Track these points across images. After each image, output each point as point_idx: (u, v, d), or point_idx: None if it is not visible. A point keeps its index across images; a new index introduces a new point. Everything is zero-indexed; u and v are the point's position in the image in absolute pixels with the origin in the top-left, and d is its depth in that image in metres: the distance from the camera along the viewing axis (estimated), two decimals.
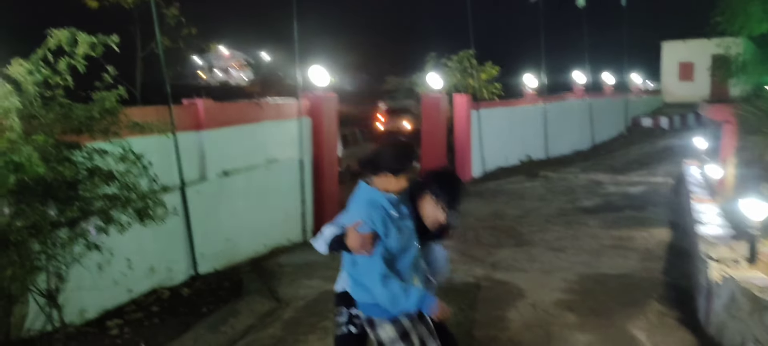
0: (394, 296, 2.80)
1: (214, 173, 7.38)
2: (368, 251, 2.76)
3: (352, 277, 2.95)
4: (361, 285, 2.89)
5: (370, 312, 2.93)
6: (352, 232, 2.78)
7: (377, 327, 2.90)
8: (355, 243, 2.76)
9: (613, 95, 24.78)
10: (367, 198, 2.86)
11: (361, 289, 2.90)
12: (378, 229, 2.78)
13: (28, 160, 3.68)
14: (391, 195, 2.86)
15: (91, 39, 4.19)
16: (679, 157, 16.14)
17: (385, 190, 2.86)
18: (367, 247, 2.75)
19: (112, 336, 4.82)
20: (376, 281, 2.79)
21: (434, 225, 3.01)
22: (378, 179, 2.88)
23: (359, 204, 2.88)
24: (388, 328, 2.87)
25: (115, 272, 5.38)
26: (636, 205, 11.13)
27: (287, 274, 6.96)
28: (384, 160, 2.87)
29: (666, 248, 7.71)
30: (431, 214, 2.97)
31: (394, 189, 2.86)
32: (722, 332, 4.44)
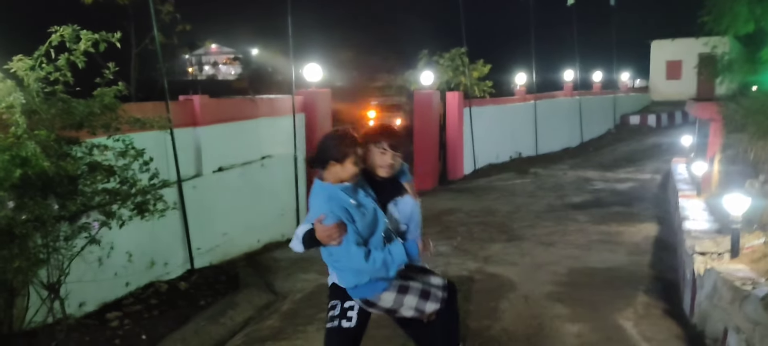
0: (383, 263, 2.88)
1: (209, 168, 7.47)
2: (338, 240, 2.84)
3: (335, 267, 3.03)
4: (346, 271, 2.95)
5: (362, 294, 2.99)
6: (318, 226, 2.86)
7: (377, 302, 2.99)
8: (323, 235, 2.83)
9: (602, 93, 25.03)
10: (323, 194, 2.93)
11: (347, 274, 2.96)
12: (342, 218, 2.86)
13: (34, 155, 3.76)
14: (345, 184, 2.94)
15: (94, 36, 4.26)
16: (666, 154, 16.41)
17: (338, 180, 2.94)
18: (335, 236, 2.83)
19: (113, 328, 4.91)
20: (359, 261, 2.86)
21: (388, 171, 3.08)
22: (327, 172, 2.95)
23: (318, 201, 2.96)
24: (386, 296, 2.96)
25: (114, 266, 5.46)
26: (624, 201, 11.32)
27: (283, 268, 7.06)
28: (326, 151, 2.94)
29: (653, 243, 7.88)
30: (379, 161, 3.06)
31: (345, 177, 2.93)
32: (705, 321, 4.60)
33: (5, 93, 3.95)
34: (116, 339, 4.68)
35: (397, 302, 2.99)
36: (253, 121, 8.48)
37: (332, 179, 2.95)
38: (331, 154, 2.92)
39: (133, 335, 4.80)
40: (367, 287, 2.95)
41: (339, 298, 3.10)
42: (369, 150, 3.06)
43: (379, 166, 3.07)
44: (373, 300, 2.99)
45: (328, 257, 3.02)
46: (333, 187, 2.94)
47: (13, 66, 4.30)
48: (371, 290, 2.96)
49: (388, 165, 3.08)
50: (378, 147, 3.06)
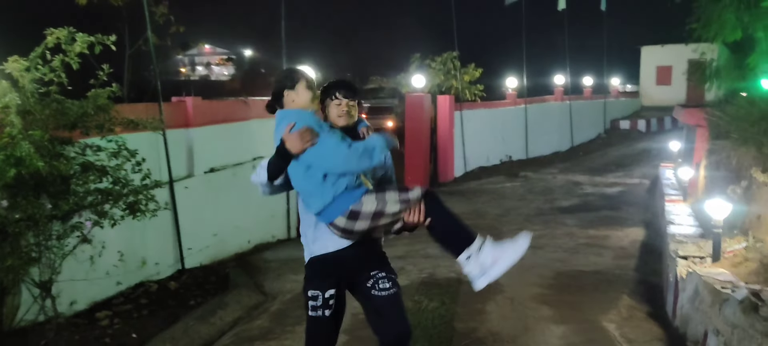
0: (365, 149, 2.74)
1: (201, 169, 7.53)
2: (312, 140, 2.69)
3: (309, 191, 2.78)
4: (322, 184, 2.73)
5: (343, 205, 2.73)
6: (288, 135, 2.70)
7: (360, 209, 2.73)
8: (295, 139, 2.68)
9: (592, 98, 25.23)
10: (288, 115, 2.81)
11: (325, 186, 2.73)
12: (313, 125, 2.73)
13: (28, 155, 3.81)
14: (309, 111, 2.83)
15: (89, 38, 4.32)
16: (655, 159, 16.57)
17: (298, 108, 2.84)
18: (308, 138, 2.68)
19: (103, 327, 4.95)
20: (343, 151, 2.70)
21: (345, 120, 2.95)
22: (284, 104, 2.84)
23: (283, 123, 2.79)
24: (367, 199, 2.74)
25: (106, 265, 5.50)
26: (612, 205, 11.45)
27: (273, 269, 7.12)
28: (277, 85, 2.86)
29: (639, 247, 8.00)
30: (335, 112, 2.92)
31: (301, 103, 2.83)
32: (687, 323, 4.70)
33: (0, 94, 3.99)
34: (106, 338, 4.73)
35: (379, 200, 2.74)
36: (245, 123, 8.53)
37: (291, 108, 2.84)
38: (283, 84, 2.83)
39: (123, 333, 4.85)
40: (347, 196, 2.73)
41: (319, 287, 2.93)
42: (325, 105, 2.96)
43: (337, 117, 2.92)
44: (356, 209, 2.73)
45: (301, 179, 2.78)
46: (297, 109, 2.82)
47: (8, 67, 4.35)
48: (350, 198, 2.73)
49: (344, 113, 2.93)
50: (333, 99, 2.94)
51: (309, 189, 2.79)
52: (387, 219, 2.79)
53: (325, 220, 2.80)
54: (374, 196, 2.76)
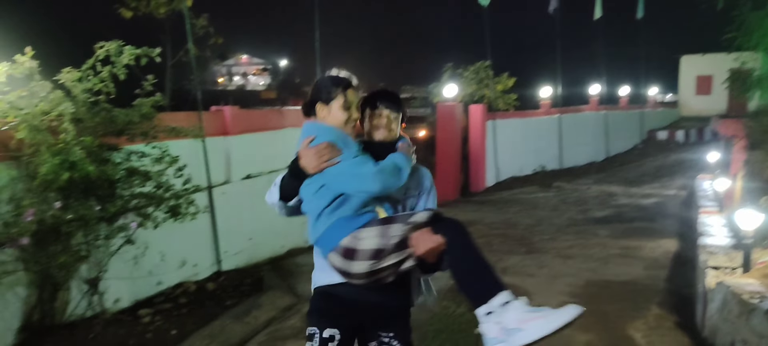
0: (394, 166, 2.45)
1: (238, 175, 7.79)
2: (332, 158, 2.37)
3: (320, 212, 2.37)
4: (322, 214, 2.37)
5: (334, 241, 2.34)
6: (305, 151, 2.39)
7: (358, 245, 2.31)
8: (312, 155, 2.36)
9: (629, 108, 24.92)
10: (309, 128, 2.50)
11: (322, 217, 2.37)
12: (336, 141, 2.40)
13: (81, 160, 4.09)
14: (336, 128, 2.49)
15: (136, 51, 4.59)
16: (692, 170, 16.29)
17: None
18: (327, 154, 2.36)
19: (145, 323, 5.20)
20: (369, 169, 2.38)
21: (384, 134, 2.63)
22: (316, 115, 2.53)
23: (303, 134, 2.50)
24: (367, 233, 2.32)
25: (148, 265, 5.77)
26: (647, 216, 11.34)
27: (305, 272, 7.30)
28: (314, 93, 2.53)
29: (672, 258, 7.94)
30: (374, 123, 2.62)
31: (335, 123, 2.48)
32: (715, 334, 4.71)
33: (56, 102, 4.28)
34: (148, 333, 4.97)
35: (382, 234, 2.29)
36: (280, 132, 8.78)
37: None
38: (318, 95, 2.51)
39: (164, 330, 5.08)
40: (341, 226, 2.33)
41: (317, 323, 2.55)
42: (364, 115, 2.64)
43: (374, 129, 2.62)
44: (350, 245, 2.30)
45: (310, 200, 2.43)
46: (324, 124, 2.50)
47: (62, 78, 4.66)
48: (344, 230, 2.32)
49: (383, 126, 2.61)
50: (374, 110, 2.63)
51: (311, 212, 2.43)
52: (393, 258, 2.30)
53: (322, 253, 2.42)
54: (378, 228, 2.31)
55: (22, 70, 4.22)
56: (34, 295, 4.60)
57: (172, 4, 8.53)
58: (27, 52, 4.36)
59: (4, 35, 5.55)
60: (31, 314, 4.62)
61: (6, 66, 4.20)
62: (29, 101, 4.23)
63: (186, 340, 4.88)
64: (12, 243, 4.02)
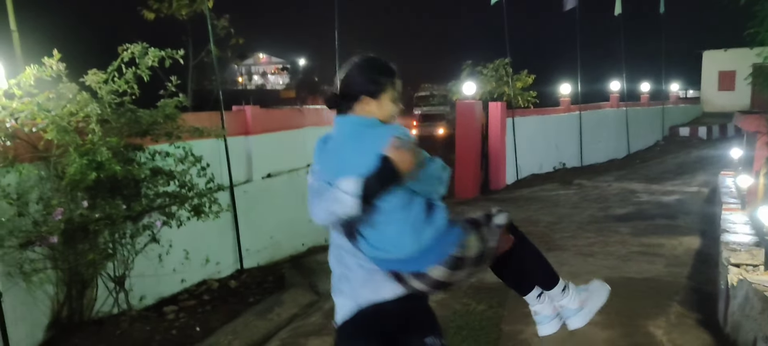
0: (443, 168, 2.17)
1: (259, 174, 7.89)
2: (422, 160, 2.07)
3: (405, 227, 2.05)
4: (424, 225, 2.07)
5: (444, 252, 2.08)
6: (397, 152, 1.99)
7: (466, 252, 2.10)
8: (410, 159, 2.00)
9: (650, 104, 24.66)
10: (370, 123, 2.12)
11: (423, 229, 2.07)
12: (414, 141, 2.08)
13: (108, 160, 4.19)
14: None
15: (160, 53, 4.68)
16: (715, 166, 16.09)
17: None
18: (420, 155, 2.06)
19: (170, 320, 5.31)
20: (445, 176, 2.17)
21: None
22: (355, 110, 2.15)
23: (362, 131, 2.10)
24: (472, 240, 2.12)
25: (172, 263, 5.89)
26: (668, 213, 11.23)
27: (325, 270, 7.30)
28: (355, 84, 2.14)
29: (694, 255, 7.88)
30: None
31: (383, 118, 2.16)
32: (737, 331, 4.68)
33: (83, 104, 4.39)
34: (173, 330, 5.08)
35: (481, 239, 2.13)
36: (300, 131, 8.87)
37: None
38: (364, 86, 2.12)
39: (189, 326, 5.19)
40: (449, 236, 2.09)
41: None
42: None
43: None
44: (461, 254, 2.08)
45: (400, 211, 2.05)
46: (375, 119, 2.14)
47: (87, 79, 4.77)
48: (452, 239, 2.09)
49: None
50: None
51: (404, 225, 2.05)
52: (485, 263, 2.19)
53: (414, 267, 2.08)
54: (475, 233, 2.13)
55: (50, 73, 4.33)
56: (63, 292, 4.73)
57: (193, 5, 8.66)
58: (54, 55, 4.47)
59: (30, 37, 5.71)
60: (60, 311, 4.74)
61: (34, 69, 4.31)
62: (57, 103, 4.34)
63: (210, 336, 4.98)
64: (43, 241, 4.14)
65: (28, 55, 5.29)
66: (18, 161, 4.21)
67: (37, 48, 4.93)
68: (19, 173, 4.05)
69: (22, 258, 4.22)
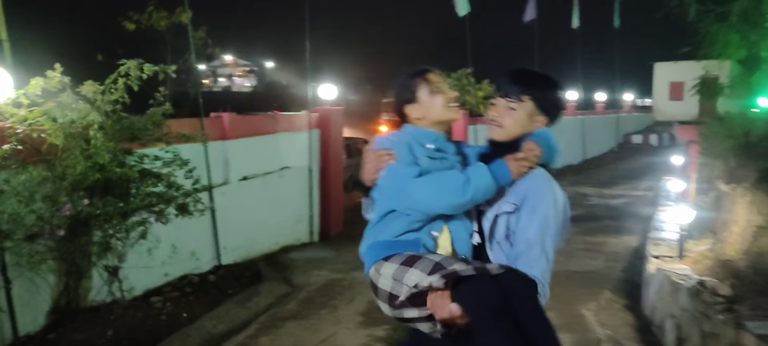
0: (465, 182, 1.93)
1: (235, 177, 8.45)
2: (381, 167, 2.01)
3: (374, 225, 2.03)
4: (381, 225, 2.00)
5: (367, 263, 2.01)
6: (366, 155, 2.08)
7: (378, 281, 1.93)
8: (366, 165, 2.05)
9: (605, 113, 25.88)
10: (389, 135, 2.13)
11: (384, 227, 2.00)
12: (400, 152, 2.01)
13: (108, 163, 4.75)
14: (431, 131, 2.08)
15: (155, 67, 5.24)
16: (662, 172, 17.17)
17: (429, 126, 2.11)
18: (377, 163, 2.02)
19: (158, 308, 5.86)
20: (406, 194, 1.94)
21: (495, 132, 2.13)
22: (411, 122, 2.12)
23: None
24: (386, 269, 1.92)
25: (158, 258, 6.41)
26: (614, 215, 12.17)
27: (298, 266, 8.00)
28: (396, 102, 2.15)
29: (631, 252, 8.75)
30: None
31: (434, 116, 2.08)
32: (654, 312, 5.49)
33: (84, 112, 4.93)
34: (162, 316, 5.64)
35: (397, 276, 1.85)
36: (273, 136, 9.45)
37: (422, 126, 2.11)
38: (403, 96, 2.12)
39: (176, 314, 5.75)
40: (385, 245, 1.96)
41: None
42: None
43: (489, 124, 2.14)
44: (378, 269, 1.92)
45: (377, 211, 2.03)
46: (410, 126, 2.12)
47: (84, 90, 5.30)
48: (383, 250, 1.95)
49: (493, 120, 2.12)
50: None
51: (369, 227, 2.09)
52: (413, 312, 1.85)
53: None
54: (394, 267, 1.88)
55: (54, 85, 4.86)
56: (62, 282, 5.25)
57: (172, 17, 9.16)
58: (57, 68, 4.99)
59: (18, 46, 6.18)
60: (59, 298, 5.26)
61: (40, 80, 4.83)
62: (61, 112, 4.87)
63: (196, 322, 5.55)
64: (51, 234, 4.66)
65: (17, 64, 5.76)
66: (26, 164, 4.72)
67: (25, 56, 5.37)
68: (30, 173, 4.57)
69: (29, 250, 4.73)
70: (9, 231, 4.54)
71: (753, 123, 6.66)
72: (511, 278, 1.81)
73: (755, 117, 7.33)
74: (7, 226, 4.47)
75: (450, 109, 2.10)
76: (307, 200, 10.17)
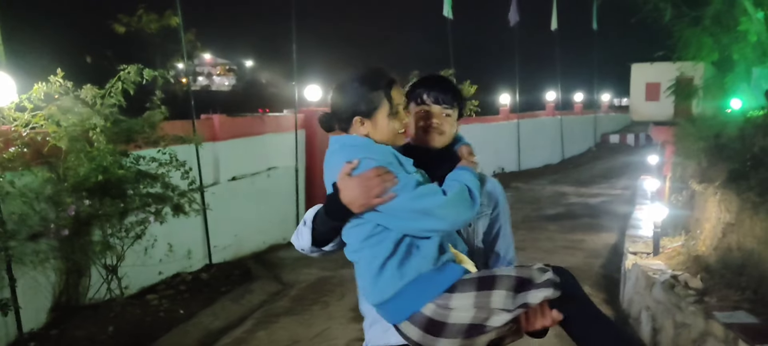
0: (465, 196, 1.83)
1: (225, 177, 8.62)
2: (386, 189, 1.73)
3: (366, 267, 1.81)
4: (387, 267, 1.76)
5: (413, 306, 1.74)
6: (345, 181, 1.77)
7: (448, 318, 1.73)
8: (358, 190, 1.73)
9: (583, 113, 26.41)
10: (346, 144, 1.88)
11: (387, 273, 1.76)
12: (388, 163, 1.79)
13: (111, 165, 4.91)
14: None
15: (154, 72, 5.41)
16: (639, 171, 17.66)
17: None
18: (378, 185, 1.73)
19: (154, 306, 6.03)
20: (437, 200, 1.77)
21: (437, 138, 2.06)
22: (352, 132, 1.90)
23: (337, 154, 1.87)
24: (459, 300, 1.73)
25: (153, 256, 6.57)
26: (593, 213, 12.54)
27: (287, 264, 8.20)
28: (348, 103, 1.87)
29: (609, 249, 9.09)
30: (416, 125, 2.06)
31: (383, 138, 1.89)
32: (631, 305, 5.79)
33: (86, 116, 5.09)
34: (160, 313, 5.81)
35: (480, 305, 1.71)
36: (261, 137, 9.64)
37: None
38: (355, 108, 1.87)
39: (173, 310, 5.92)
40: (424, 285, 1.74)
41: None
42: (408, 113, 2.01)
43: (423, 132, 2.05)
44: (439, 317, 1.72)
45: (358, 245, 1.83)
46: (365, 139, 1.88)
47: (83, 93, 5.45)
48: (428, 291, 1.74)
49: (432, 128, 2.04)
50: (417, 105, 2.05)
51: (364, 262, 1.83)
52: (492, 334, 1.74)
53: (389, 319, 1.83)
54: (474, 296, 1.72)
55: (57, 90, 5.01)
56: (62, 280, 5.40)
57: (161, 21, 9.30)
58: (58, 73, 5.14)
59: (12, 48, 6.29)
60: (60, 296, 5.41)
61: (43, 86, 4.98)
62: (63, 116, 5.02)
63: (193, 318, 5.73)
64: (55, 234, 4.82)
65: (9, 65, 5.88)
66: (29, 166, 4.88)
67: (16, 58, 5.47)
68: (35, 175, 4.72)
69: (33, 249, 4.88)
70: (13, 231, 4.69)
71: (724, 125, 7.01)
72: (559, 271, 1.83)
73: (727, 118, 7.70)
74: (12, 226, 4.62)
75: (399, 136, 1.93)
76: (294, 200, 10.37)
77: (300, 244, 2.02)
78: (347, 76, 1.91)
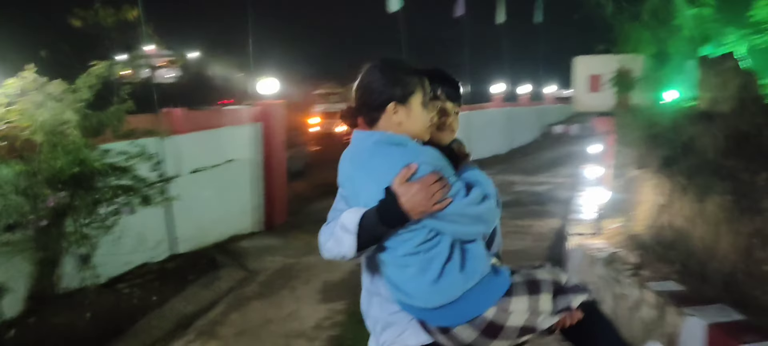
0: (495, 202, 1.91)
1: (187, 170, 8.76)
2: (444, 194, 1.72)
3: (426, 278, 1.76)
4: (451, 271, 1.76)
5: (475, 310, 1.78)
6: (404, 187, 1.70)
7: (507, 320, 1.79)
8: (421, 196, 1.69)
9: (529, 104, 27.34)
10: (388, 141, 1.80)
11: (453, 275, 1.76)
12: (442, 167, 1.79)
13: (87, 158, 5.08)
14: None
15: (127, 69, 5.58)
16: (581, 160, 18.56)
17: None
18: (438, 190, 1.71)
19: (126, 293, 6.21)
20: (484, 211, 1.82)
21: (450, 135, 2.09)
22: (382, 124, 1.83)
23: (379, 152, 1.78)
24: (517, 303, 1.81)
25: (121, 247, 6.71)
26: (539, 201, 13.22)
27: (251, 253, 8.45)
28: (379, 90, 1.82)
29: (554, 232, 9.71)
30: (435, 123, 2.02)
31: (414, 131, 1.86)
32: None
33: (60, 111, 5.23)
34: (134, 299, 6.00)
35: (531, 307, 1.83)
36: (219, 130, 9.79)
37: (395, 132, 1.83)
38: (390, 92, 1.80)
39: (146, 297, 6.12)
40: (485, 290, 1.79)
41: None
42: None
43: (438, 129, 2.04)
44: (498, 319, 1.79)
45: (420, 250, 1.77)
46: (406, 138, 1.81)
47: (52, 89, 5.57)
48: (490, 295, 1.80)
49: (449, 126, 2.06)
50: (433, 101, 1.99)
51: (423, 271, 1.76)
52: (529, 335, 1.85)
53: (439, 322, 1.80)
54: (528, 299, 1.81)
55: (32, 85, 5.13)
56: (37, 270, 5.52)
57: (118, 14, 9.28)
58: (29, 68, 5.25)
59: None
60: (35, 285, 5.53)
61: (17, 80, 5.09)
62: (37, 110, 5.15)
63: (167, 304, 5.96)
64: (34, 225, 4.96)
65: None
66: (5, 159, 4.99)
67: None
68: (13, 168, 4.84)
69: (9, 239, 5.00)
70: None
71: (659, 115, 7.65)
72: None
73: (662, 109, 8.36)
74: None
75: (426, 132, 1.92)
76: (252, 191, 10.57)
77: (340, 251, 1.84)
78: (378, 63, 1.86)
